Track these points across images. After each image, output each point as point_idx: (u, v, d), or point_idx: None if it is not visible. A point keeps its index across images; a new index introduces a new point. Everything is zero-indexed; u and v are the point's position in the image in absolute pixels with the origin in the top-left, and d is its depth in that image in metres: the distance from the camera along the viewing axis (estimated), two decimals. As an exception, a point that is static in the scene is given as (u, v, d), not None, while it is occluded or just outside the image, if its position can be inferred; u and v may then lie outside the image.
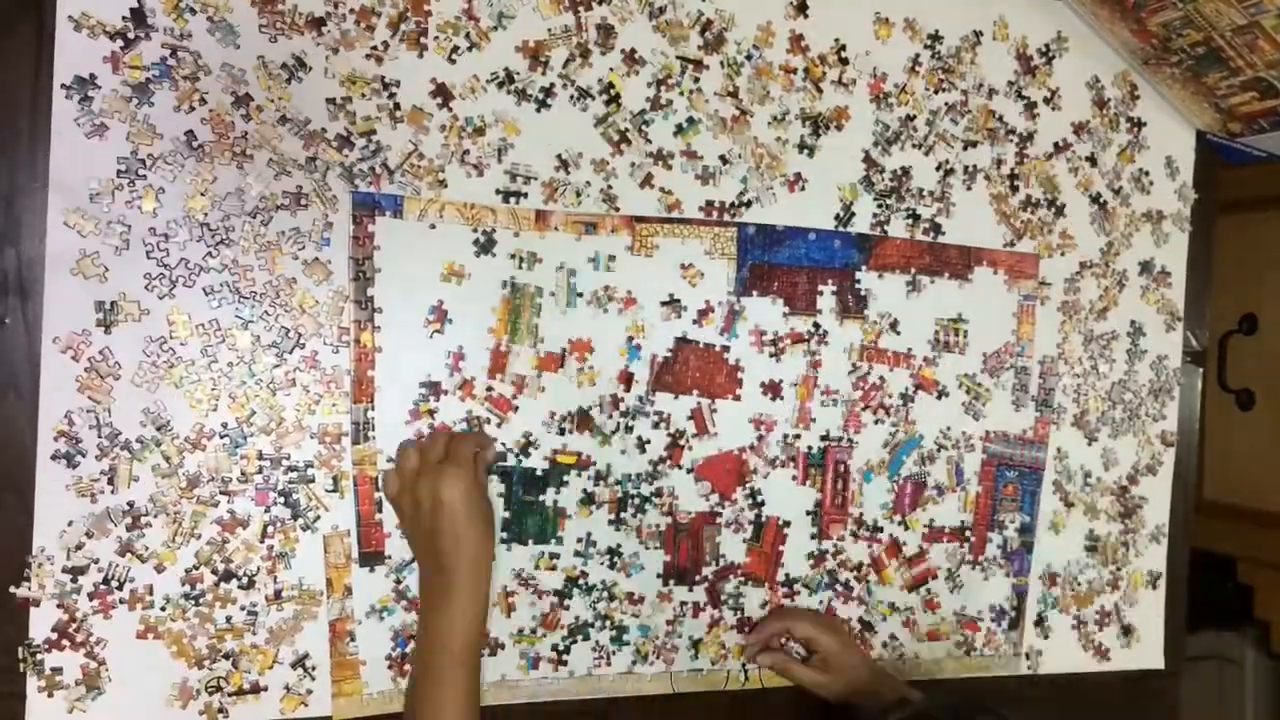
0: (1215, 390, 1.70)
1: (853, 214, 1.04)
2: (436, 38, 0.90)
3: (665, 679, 1.01)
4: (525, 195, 0.93)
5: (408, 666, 0.92)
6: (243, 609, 0.87)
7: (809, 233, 1.03)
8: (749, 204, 1.01)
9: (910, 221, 1.07)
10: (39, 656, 0.82)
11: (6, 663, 0.81)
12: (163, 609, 0.85)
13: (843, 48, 1.03)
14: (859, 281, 1.05)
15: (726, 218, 1.00)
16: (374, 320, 0.89)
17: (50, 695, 0.82)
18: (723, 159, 1.00)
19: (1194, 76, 1.09)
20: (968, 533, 1.11)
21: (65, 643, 0.82)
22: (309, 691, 0.89)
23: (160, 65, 0.82)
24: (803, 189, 1.02)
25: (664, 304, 0.98)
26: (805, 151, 1.02)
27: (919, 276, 1.07)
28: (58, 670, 0.82)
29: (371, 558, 0.90)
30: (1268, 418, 1.72)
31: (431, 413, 0.91)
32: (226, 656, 0.87)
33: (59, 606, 0.82)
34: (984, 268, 1.10)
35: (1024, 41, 1.11)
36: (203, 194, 0.84)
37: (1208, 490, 1.71)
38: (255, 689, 0.88)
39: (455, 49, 0.91)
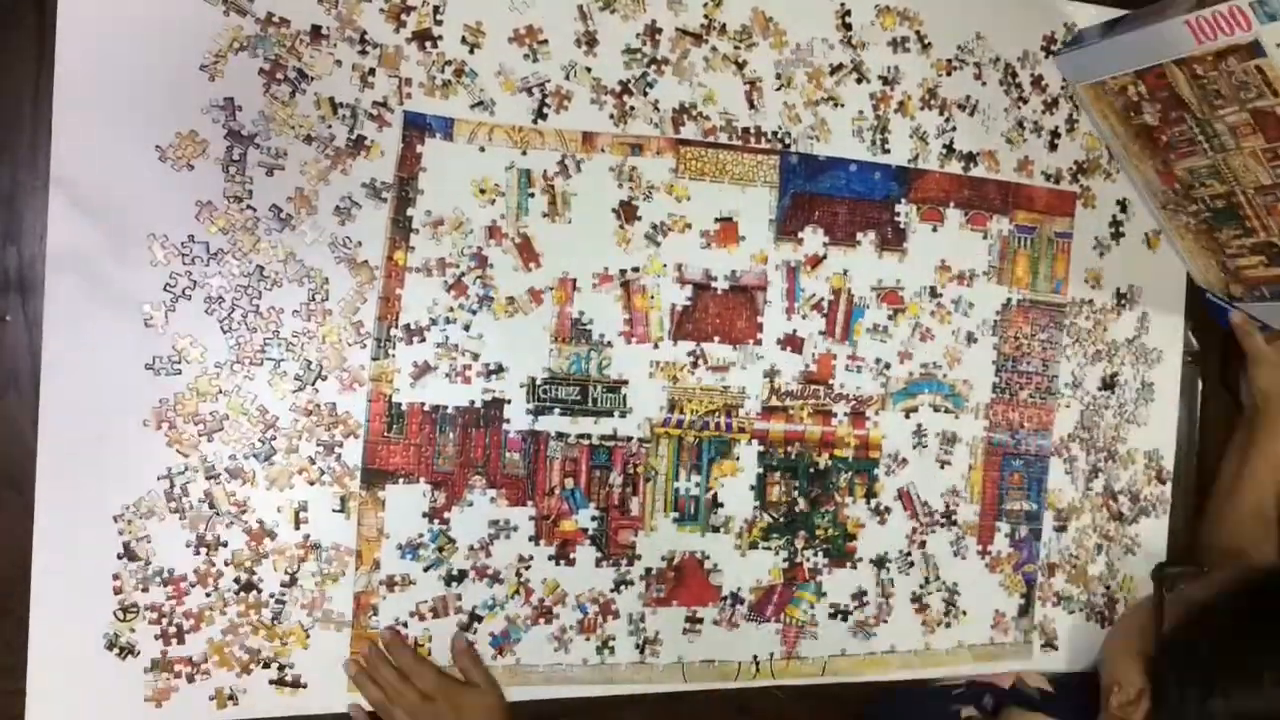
0: (1217, 390, 1.70)
1: (887, 138, 1.06)
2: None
3: (677, 669, 1.01)
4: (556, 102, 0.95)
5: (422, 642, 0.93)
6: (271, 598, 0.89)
7: (850, 164, 1.05)
8: (787, 141, 1.02)
9: (944, 154, 1.08)
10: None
11: (6, 660, 0.81)
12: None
13: (847, 21, 1.05)
14: (898, 214, 1.06)
15: (767, 145, 1.02)
16: (409, 240, 0.90)
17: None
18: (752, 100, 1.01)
19: (1207, 229, 1.09)
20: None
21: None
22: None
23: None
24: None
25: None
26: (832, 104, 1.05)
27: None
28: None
29: (375, 475, 0.91)
30: (1268, 418, 1.71)
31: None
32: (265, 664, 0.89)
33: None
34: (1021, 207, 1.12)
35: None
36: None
37: (1209, 490, 1.70)
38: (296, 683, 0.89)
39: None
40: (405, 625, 0.92)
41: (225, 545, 0.87)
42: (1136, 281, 1.18)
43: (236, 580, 0.87)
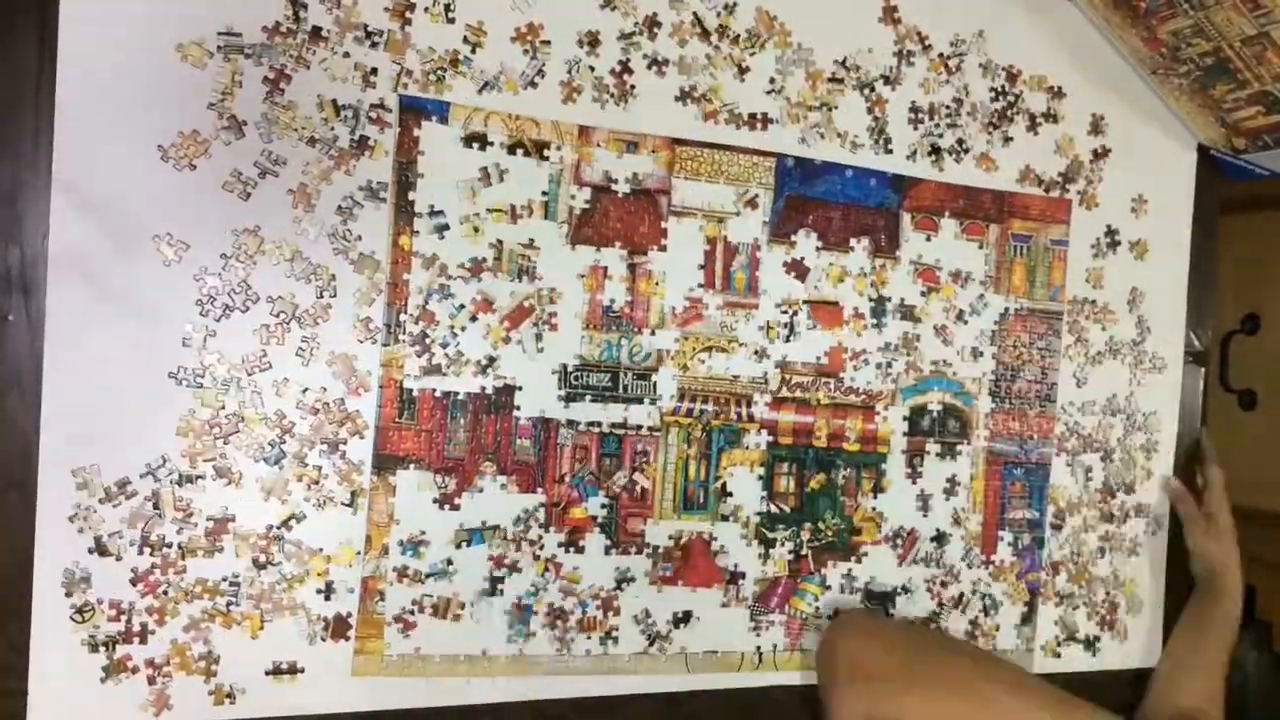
0: (1217, 390, 1.70)
1: (889, 138, 1.07)
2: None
3: (680, 659, 1.01)
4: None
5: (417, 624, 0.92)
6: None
7: (846, 169, 1.05)
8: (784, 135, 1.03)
9: (933, 157, 1.08)
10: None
11: (8, 660, 0.81)
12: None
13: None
14: (893, 222, 1.07)
15: (763, 145, 1.02)
16: (412, 225, 0.90)
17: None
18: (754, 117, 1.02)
19: (1201, 89, 1.09)
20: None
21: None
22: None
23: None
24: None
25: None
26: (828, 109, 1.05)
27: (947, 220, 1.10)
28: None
29: (386, 460, 0.91)
30: (1270, 418, 1.72)
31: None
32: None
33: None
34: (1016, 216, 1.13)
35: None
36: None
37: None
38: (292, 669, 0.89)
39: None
40: (411, 614, 0.92)
41: (221, 551, 0.86)
42: (1137, 280, 1.18)
43: (237, 576, 0.87)
